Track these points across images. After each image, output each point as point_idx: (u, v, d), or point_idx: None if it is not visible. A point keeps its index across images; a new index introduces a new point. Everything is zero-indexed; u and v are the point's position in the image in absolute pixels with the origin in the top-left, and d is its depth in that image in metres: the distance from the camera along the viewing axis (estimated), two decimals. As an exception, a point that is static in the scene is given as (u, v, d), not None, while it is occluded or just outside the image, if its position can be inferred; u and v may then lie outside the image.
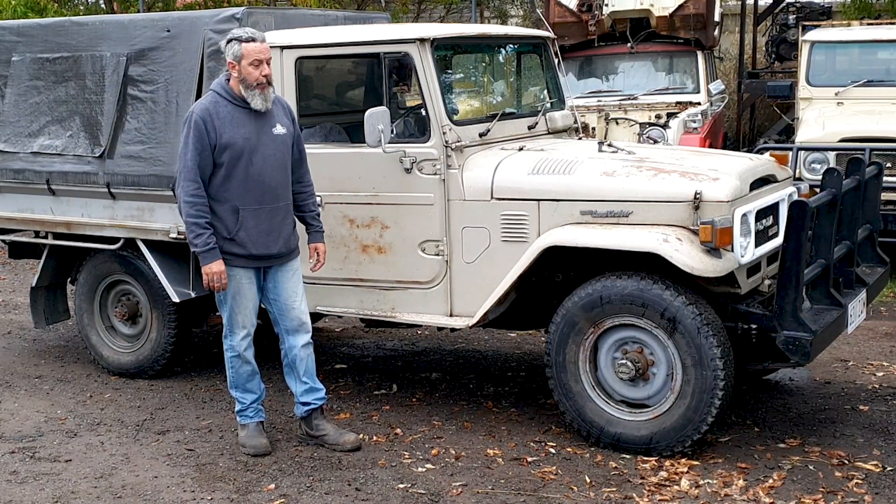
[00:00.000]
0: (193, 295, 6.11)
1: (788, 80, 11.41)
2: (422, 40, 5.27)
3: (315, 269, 5.19)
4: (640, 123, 9.64)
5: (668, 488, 4.58)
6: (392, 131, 5.22)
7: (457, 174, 5.24)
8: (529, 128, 5.83)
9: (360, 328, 7.37)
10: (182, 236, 5.93)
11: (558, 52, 6.34)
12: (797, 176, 7.96)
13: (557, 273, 5.24)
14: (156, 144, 5.96)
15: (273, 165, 4.91)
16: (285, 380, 5.23)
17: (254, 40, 4.84)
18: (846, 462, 4.84)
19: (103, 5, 15.71)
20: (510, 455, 5.02)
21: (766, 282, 5.20)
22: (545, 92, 6.30)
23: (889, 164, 7.91)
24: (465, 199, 5.23)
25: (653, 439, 4.87)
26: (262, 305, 5.15)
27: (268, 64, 4.86)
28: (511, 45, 6.39)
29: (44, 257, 6.73)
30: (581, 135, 6.35)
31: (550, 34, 6.38)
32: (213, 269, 4.85)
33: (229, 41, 4.87)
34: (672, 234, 4.73)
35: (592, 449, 5.02)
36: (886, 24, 11.09)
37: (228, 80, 4.91)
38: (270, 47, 5.56)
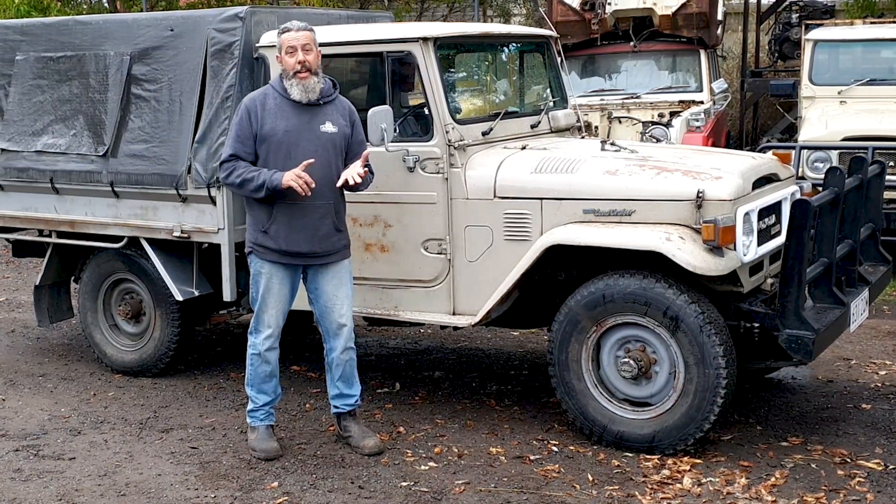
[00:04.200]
0: (197, 293, 6.13)
1: (791, 78, 11.41)
2: (425, 39, 5.27)
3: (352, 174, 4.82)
4: (643, 122, 9.64)
5: (671, 486, 4.59)
6: (395, 130, 5.22)
7: (459, 173, 5.24)
8: (532, 127, 5.83)
9: (362, 326, 7.36)
10: (186, 235, 5.95)
11: (561, 51, 6.34)
12: (800, 175, 7.96)
13: (560, 272, 5.24)
14: (159, 143, 5.97)
15: (314, 162, 4.81)
16: (325, 375, 5.21)
17: (288, 30, 4.85)
18: (848, 460, 4.84)
19: (106, 4, 15.72)
20: (513, 453, 5.03)
21: (769, 280, 5.20)
22: (548, 91, 6.30)
23: (892, 163, 7.91)
24: (468, 197, 5.23)
25: (655, 437, 4.88)
26: (310, 307, 5.12)
27: (305, 51, 4.80)
28: (514, 44, 6.40)
29: (48, 256, 6.74)
30: (584, 134, 6.35)
31: (553, 33, 6.38)
32: (287, 179, 4.71)
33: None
34: (675, 233, 4.74)
35: (595, 447, 5.03)
36: (889, 22, 11.09)
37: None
38: (274, 47, 5.58)
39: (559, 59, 6.28)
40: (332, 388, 5.16)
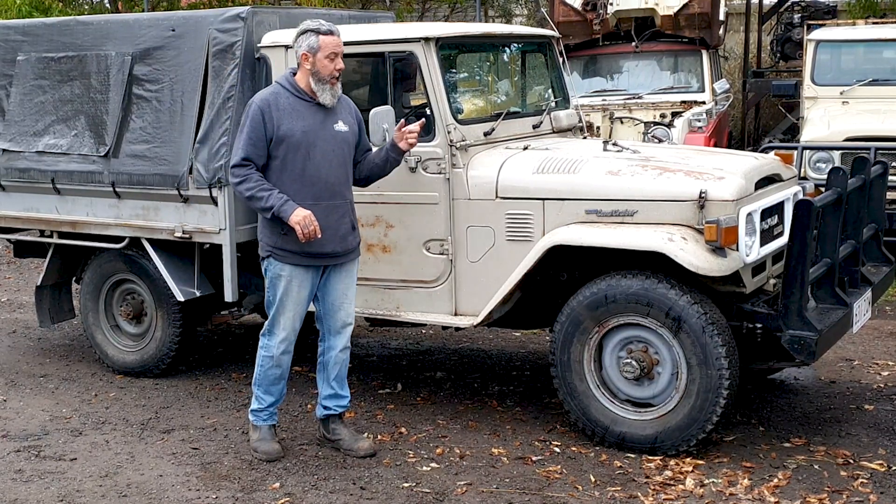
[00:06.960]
0: (198, 294, 6.12)
1: (793, 79, 11.42)
2: (427, 39, 5.27)
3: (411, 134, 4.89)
4: (645, 122, 9.64)
5: (673, 487, 4.58)
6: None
7: (461, 173, 5.24)
8: (534, 127, 5.83)
9: (364, 327, 7.36)
10: (187, 235, 5.95)
11: (563, 52, 6.33)
12: (802, 175, 7.95)
13: (562, 272, 5.23)
14: (161, 144, 5.96)
15: (332, 162, 4.80)
16: (316, 375, 5.16)
17: (332, 33, 4.77)
18: (851, 461, 4.83)
19: (108, 5, 15.72)
20: (515, 454, 5.02)
21: (772, 281, 5.19)
22: (550, 91, 6.30)
23: (894, 164, 7.90)
24: (470, 198, 5.23)
25: (658, 438, 4.87)
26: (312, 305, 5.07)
27: (342, 59, 4.80)
28: (516, 45, 6.39)
29: (49, 256, 6.73)
30: (586, 134, 6.35)
31: (555, 33, 6.38)
32: (296, 217, 4.68)
33: (304, 32, 4.78)
34: (677, 234, 4.73)
35: (597, 448, 5.02)
36: (891, 23, 11.08)
37: (294, 73, 4.86)
38: (275, 47, 5.59)
39: (561, 60, 6.27)
40: (325, 387, 5.10)
